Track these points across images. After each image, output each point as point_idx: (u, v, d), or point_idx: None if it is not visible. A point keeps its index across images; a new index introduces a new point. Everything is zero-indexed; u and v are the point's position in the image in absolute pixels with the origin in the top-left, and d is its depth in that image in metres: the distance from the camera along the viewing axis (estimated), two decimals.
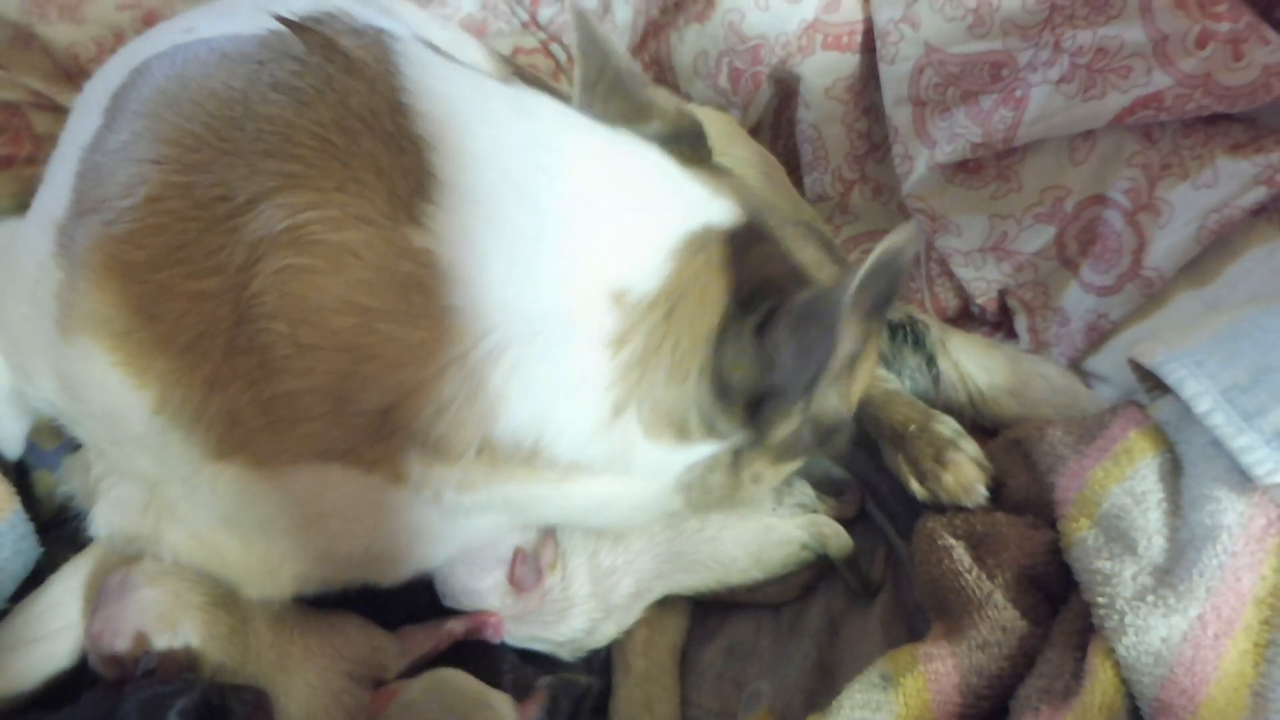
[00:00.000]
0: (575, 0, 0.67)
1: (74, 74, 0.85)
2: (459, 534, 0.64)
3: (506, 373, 0.51)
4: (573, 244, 0.52)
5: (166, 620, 0.63)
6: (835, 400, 0.60)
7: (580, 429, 0.53)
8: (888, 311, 0.55)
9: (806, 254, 0.59)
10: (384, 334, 0.50)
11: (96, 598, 0.64)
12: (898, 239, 0.49)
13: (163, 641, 0.63)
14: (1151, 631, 0.52)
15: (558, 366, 0.52)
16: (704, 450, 0.58)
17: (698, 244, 0.54)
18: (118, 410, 0.54)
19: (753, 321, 0.53)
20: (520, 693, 0.64)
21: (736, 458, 0.60)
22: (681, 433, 0.55)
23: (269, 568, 0.62)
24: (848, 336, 0.50)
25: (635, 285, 0.53)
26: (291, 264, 0.49)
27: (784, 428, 0.56)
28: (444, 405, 0.51)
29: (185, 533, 0.62)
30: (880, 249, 0.48)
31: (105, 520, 0.64)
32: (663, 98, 0.62)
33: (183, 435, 0.54)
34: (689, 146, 0.61)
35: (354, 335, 0.50)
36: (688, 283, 0.54)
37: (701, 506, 0.63)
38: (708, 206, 0.57)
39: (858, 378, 0.62)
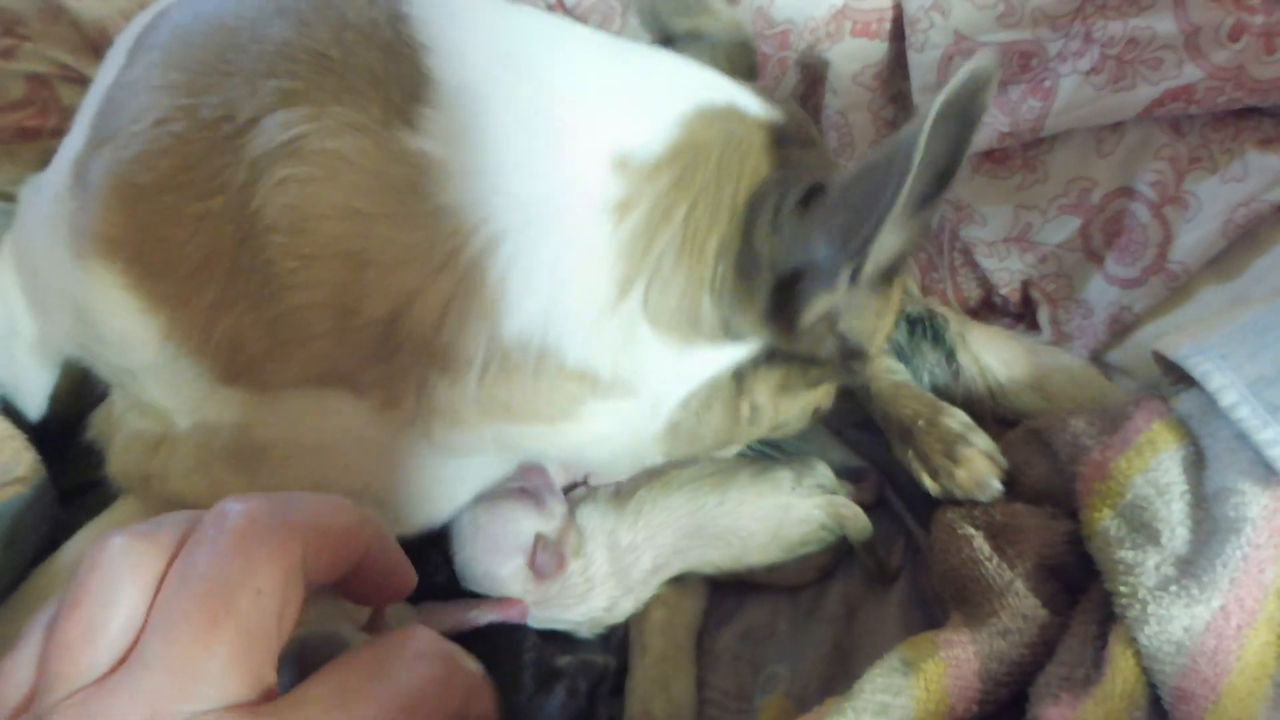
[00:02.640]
0: None
1: (100, 47, 0.85)
2: (454, 477, 0.63)
3: (506, 261, 0.50)
4: (568, 116, 0.51)
5: None
6: (859, 324, 0.56)
7: (585, 313, 0.52)
8: (947, 187, 0.46)
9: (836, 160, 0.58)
10: (380, 237, 0.50)
11: None
12: (980, 65, 0.41)
13: None
14: (1174, 621, 0.52)
15: (557, 245, 0.51)
16: (707, 366, 0.56)
17: (716, 116, 0.53)
18: (129, 336, 0.54)
19: (797, 193, 0.50)
20: (540, 674, 0.64)
21: (738, 384, 0.59)
22: (692, 325, 0.53)
23: None
24: (906, 205, 0.44)
25: (638, 149, 0.51)
26: (289, 175, 0.49)
27: (820, 305, 0.51)
28: (445, 305, 0.51)
29: (193, 470, 0.61)
30: (959, 78, 0.41)
31: (120, 458, 0.64)
32: (720, 2, 0.62)
33: (192, 362, 0.54)
34: (732, 58, 0.61)
35: (351, 240, 0.50)
36: (702, 151, 0.52)
37: (688, 452, 0.62)
38: (735, 93, 0.56)
39: (889, 306, 0.59)
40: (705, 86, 0.56)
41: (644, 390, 0.56)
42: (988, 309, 0.86)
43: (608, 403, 0.56)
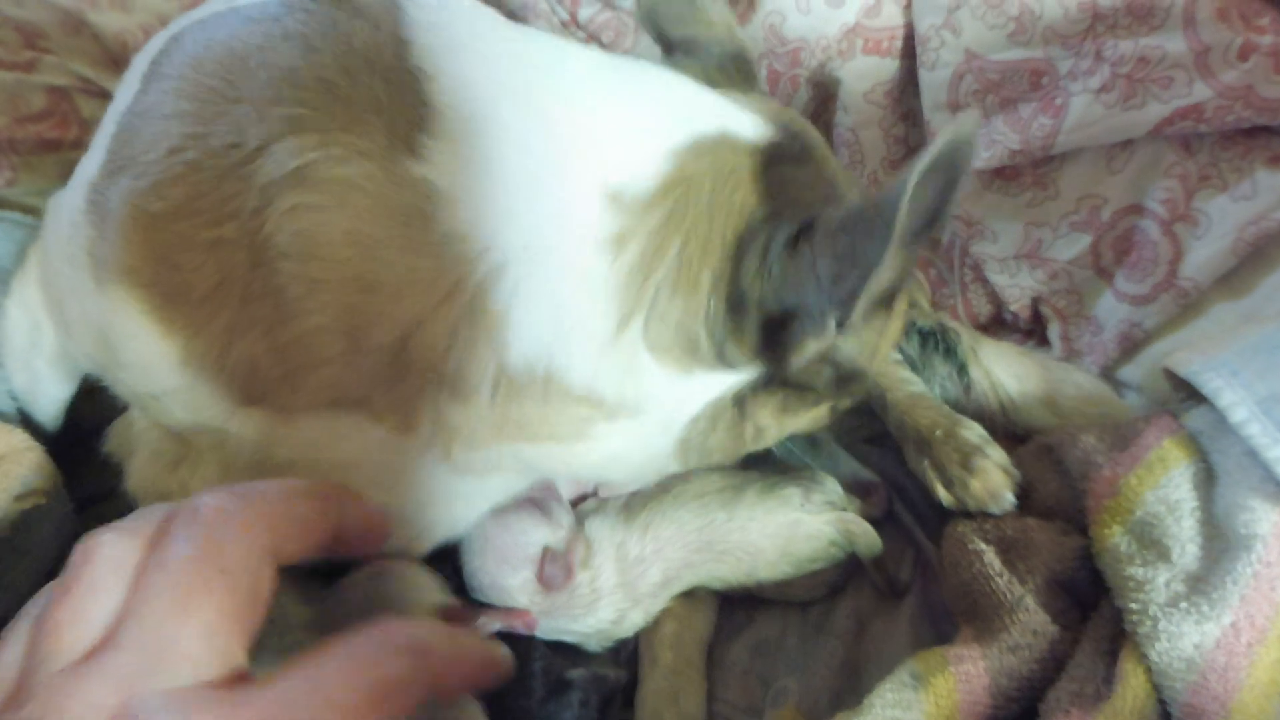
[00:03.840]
0: None
1: (121, 61, 0.87)
2: (472, 494, 0.64)
3: (509, 291, 0.51)
4: (564, 143, 0.52)
5: None
6: (857, 345, 0.58)
7: (588, 345, 0.53)
8: (935, 230, 0.48)
9: (837, 170, 0.57)
10: (387, 262, 0.51)
11: None
12: (961, 128, 0.42)
13: None
14: (1184, 638, 0.52)
15: (557, 276, 0.51)
16: (710, 388, 0.57)
17: (706, 147, 0.54)
18: (149, 362, 0.55)
19: (784, 235, 0.51)
20: (550, 682, 0.64)
21: (740, 407, 0.59)
22: (690, 354, 0.54)
23: None
24: (893, 258, 0.45)
25: (631, 183, 0.52)
26: (299, 202, 0.50)
27: (809, 351, 0.53)
28: (453, 333, 0.51)
29: (212, 484, 0.62)
30: (940, 139, 0.42)
31: (139, 474, 0.65)
32: (720, 12, 0.62)
33: (209, 386, 0.55)
34: (725, 68, 0.61)
35: (359, 265, 0.51)
36: (693, 185, 0.53)
37: (701, 464, 0.63)
38: (726, 116, 0.56)
39: (889, 327, 0.60)
40: (698, 114, 0.56)
41: (651, 411, 0.57)
42: (998, 325, 0.87)
43: (617, 423, 0.56)
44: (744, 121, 0.56)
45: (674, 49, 0.64)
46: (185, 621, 0.34)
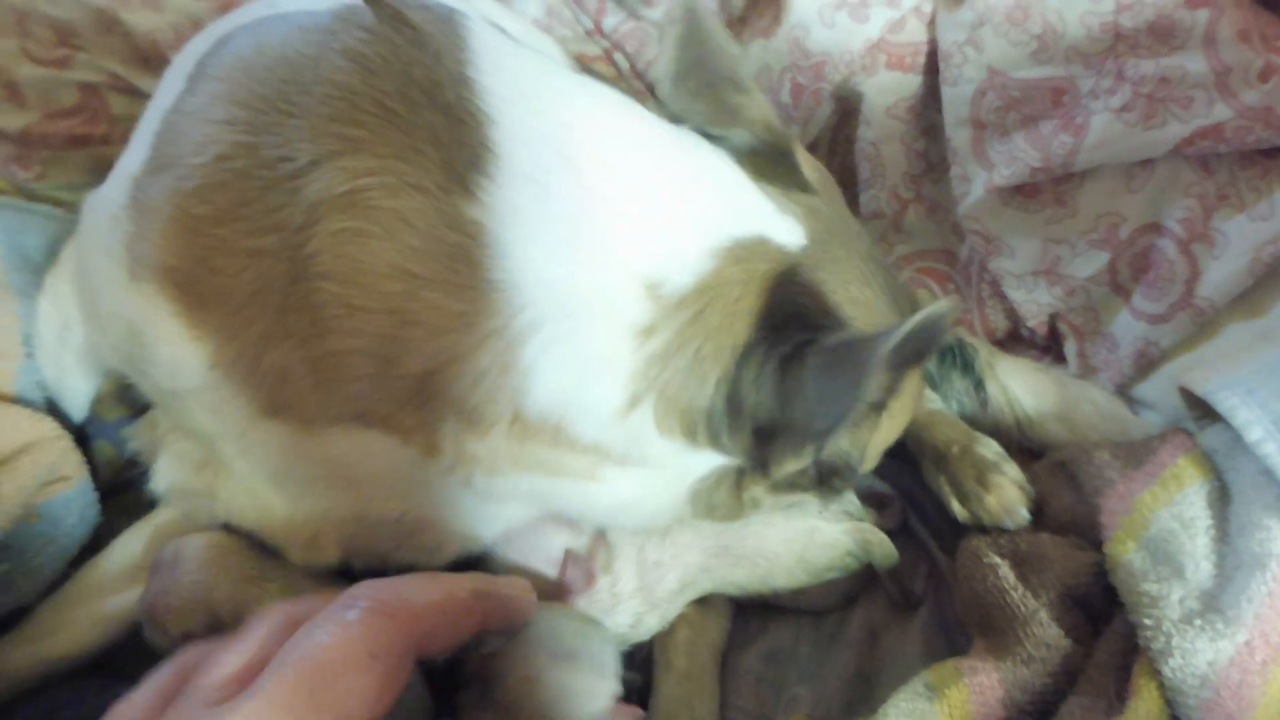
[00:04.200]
0: None
1: (152, 59, 0.88)
2: (492, 517, 0.65)
3: (538, 349, 0.52)
4: (614, 226, 0.53)
5: (215, 593, 0.64)
6: (847, 445, 0.60)
7: (599, 413, 0.54)
8: (915, 369, 0.54)
9: (855, 293, 0.58)
10: (429, 301, 0.51)
11: (151, 568, 0.66)
12: (941, 308, 0.47)
13: (210, 615, 0.64)
14: (1198, 655, 0.52)
15: (586, 349, 0.52)
16: (712, 460, 0.58)
17: (744, 252, 0.54)
18: (178, 361, 0.56)
19: (779, 353, 0.52)
20: None
21: (739, 478, 0.61)
22: (689, 436, 0.55)
23: (311, 528, 0.63)
24: (873, 388, 0.49)
25: (669, 278, 0.53)
26: (347, 227, 0.50)
27: (790, 465, 0.55)
28: (480, 375, 0.52)
29: (237, 489, 0.63)
30: (923, 314, 0.46)
31: (166, 474, 0.66)
32: (755, 106, 0.62)
33: (236, 391, 0.55)
34: (770, 161, 0.61)
35: (401, 300, 0.51)
36: (723, 288, 0.54)
37: (708, 519, 0.65)
38: (765, 219, 0.57)
39: (881, 427, 0.62)
40: (742, 214, 0.56)
41: (657, 468, 0.58)
42: (1014, 340, 0.87)
43: (627, 470, 0.57)
44: (779, 225, 0.57)
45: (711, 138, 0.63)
46: (328, 688, 0.37)
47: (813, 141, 0.92)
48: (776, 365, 0.52)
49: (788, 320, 0.54)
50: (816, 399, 0.51)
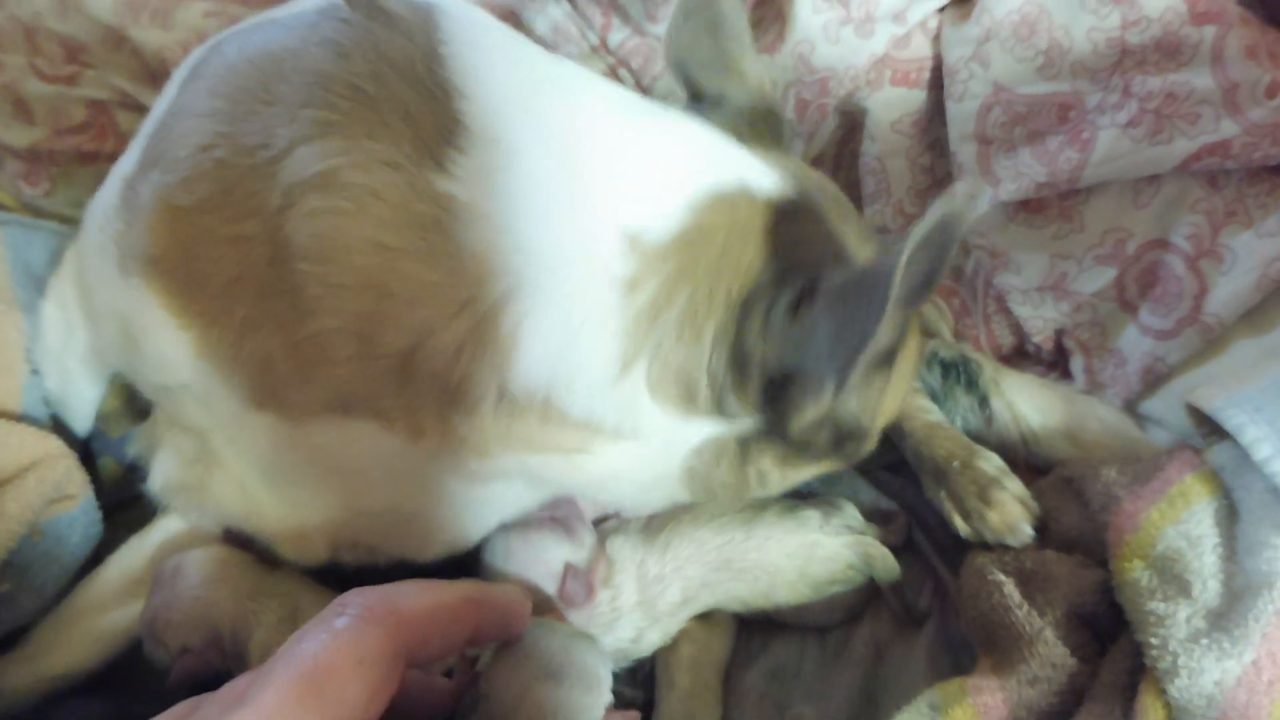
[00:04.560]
0: None
1: (160, 76, 0.88)
2: (480, 500, 0.64)
3: (519, 315, 0.51)
4: (588, 180, 0.53)
5: (215, 608, 0.64)
6: (856, 406, 0.58)
7: (590, 380, 0.53)
8: (928, 296, 0.50)
9: (848, 229, 0.57)
10: (403, 272, 0.51)
11: (152, 583, 0.66)
12: (953, 202, 0.43)
13: (210, 629, 0.64)
14: (1205, 674, 0.52)
15: (569, 309, 0.52)
16: (709, 429, 0.57)
17: (724, 201, 0.54)
18: (166, 353, 0.57)
19: (787, 299, 0.52)
20: None
21: (744, 450, 0.60)
22: (688, 399, 0.55)
23: (299, 522, 0.63)
24: (889, 323, 0.47)
25: (650, 228, 0.52)
26: (320, 206, 0.51)
27: (807, 414, 0.54)
28: (460, 347, 0.52)
29: (228, 483, 0.64)
30: (933, 213, 0.43)
31: (162, 471, 0.67)
32: (754, 66, 0.62)
33: (222, 380, 0.56)
34: (755, 124, 0.61)
35: (376, 273, 0.51)
36: (707, 237, 0.53)
37: (707, 498, 0.64)
38: (746, 170, 0.56)
39: (892, 385, 0.60)
40: (719, 165, 0.56)
41: (651, 438, 0.57)
42: (1020, 356, 0.86)
43: (619, 444, 0.57)
44: (763, 176, 0.57)
45: (703, 99, 0.64)
46: (316, 695, 0.36)
47: (817, 156, 0.92)
48: (785, 311, 0.51)
49: (793, 267, 0.53)
50: (833, 336, 0.49)
